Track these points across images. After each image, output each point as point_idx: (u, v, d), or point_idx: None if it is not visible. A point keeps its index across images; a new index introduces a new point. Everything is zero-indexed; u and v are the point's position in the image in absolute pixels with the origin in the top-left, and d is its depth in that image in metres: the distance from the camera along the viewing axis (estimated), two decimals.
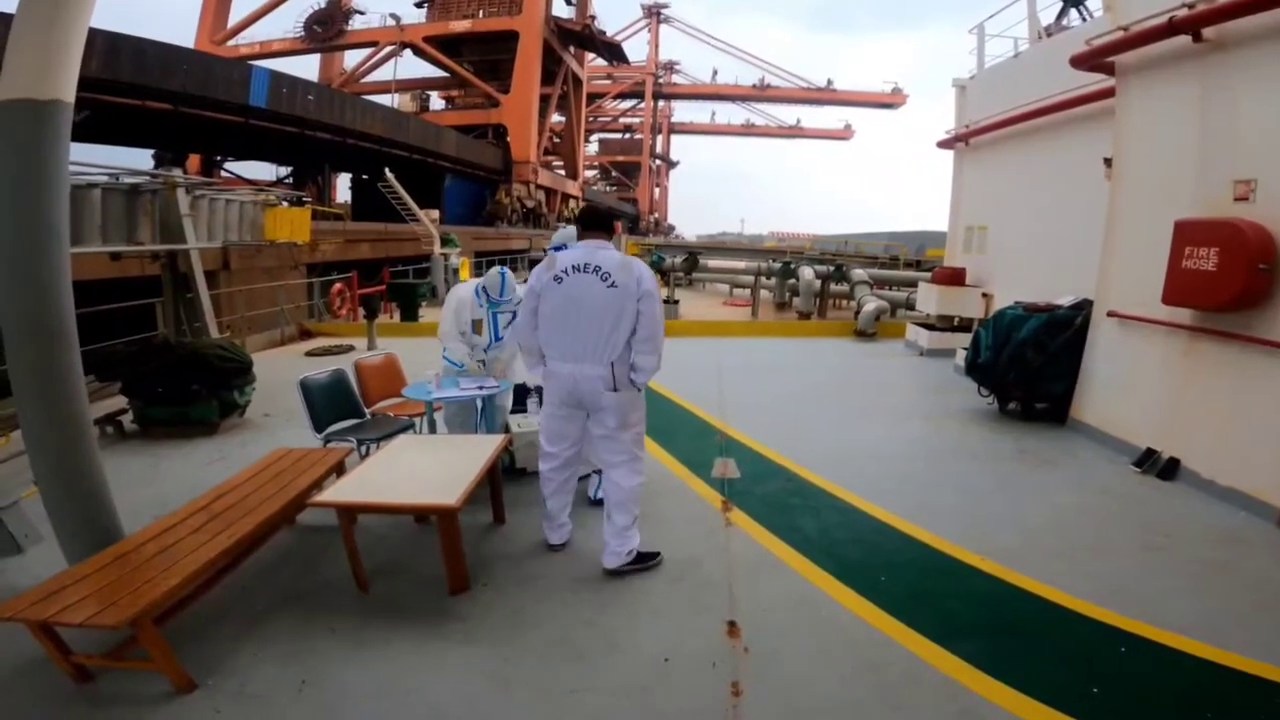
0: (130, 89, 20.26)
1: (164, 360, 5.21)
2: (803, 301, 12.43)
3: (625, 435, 3.09)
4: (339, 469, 3.53)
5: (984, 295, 8.31)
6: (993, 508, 3.97)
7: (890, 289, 13.27)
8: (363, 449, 3.94)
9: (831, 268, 12.70)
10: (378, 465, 3.22)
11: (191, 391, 5.24)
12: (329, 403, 4.09)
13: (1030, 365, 5.27)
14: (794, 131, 68.76)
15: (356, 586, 2.95)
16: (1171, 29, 4.33)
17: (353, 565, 2.93)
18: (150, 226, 6.65)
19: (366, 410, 4.36)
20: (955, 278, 8.56)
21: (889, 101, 62.18)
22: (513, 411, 4.45)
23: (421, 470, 3.17)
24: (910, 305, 11.43)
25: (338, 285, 12.38)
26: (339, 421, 4.10)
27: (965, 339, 8.26)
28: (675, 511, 3.82)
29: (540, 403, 4.56)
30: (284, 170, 33.83)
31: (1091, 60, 5.24)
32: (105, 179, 6.44)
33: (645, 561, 3.13)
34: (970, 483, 4.37)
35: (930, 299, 8.73)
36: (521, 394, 4.50)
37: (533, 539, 3.45)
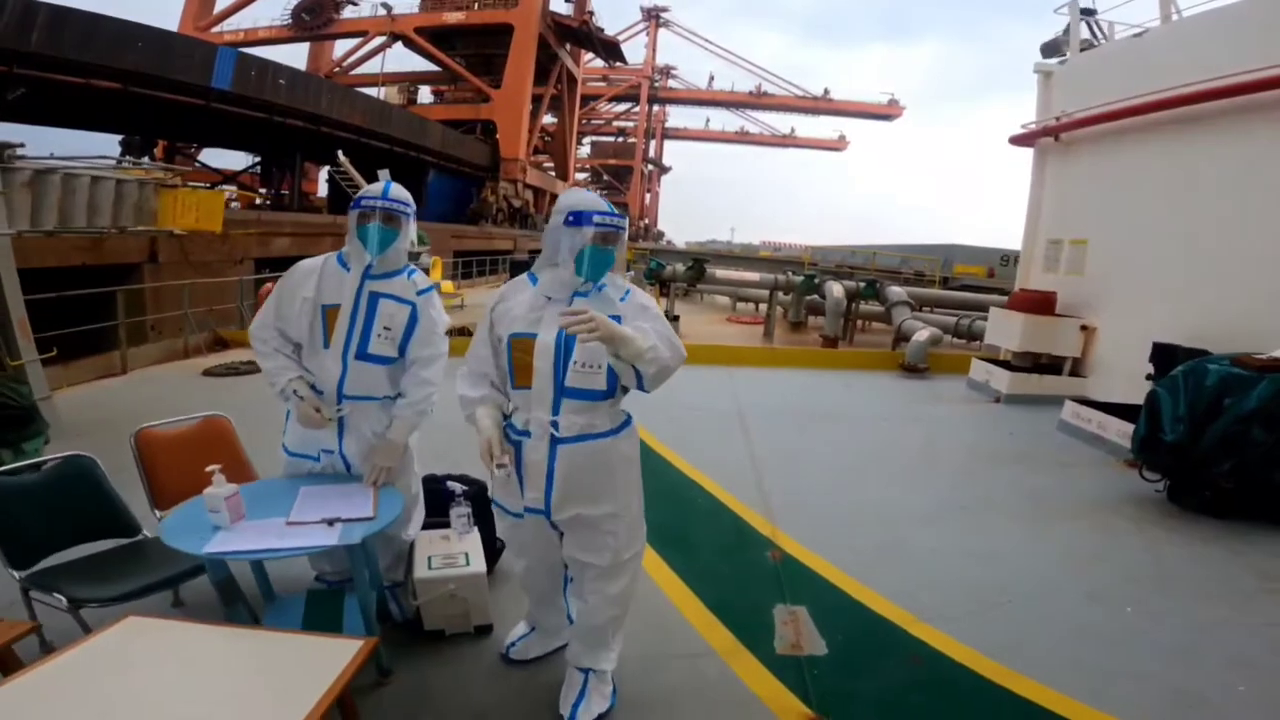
0: (74, 66, 18.18)
1: None
2: (830, 323, 10.49)
3: None
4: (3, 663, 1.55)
5: (1083, 328, 6.47)
6: None
7: (925, 309, 11.41)
8: (91, 609, 1.94)
9: (863, 284, 10.79)
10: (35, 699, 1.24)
11: None
12: (57, 515, 2.09)
13: (1259, 448, 3.39)
14: (788, 140, 67.37)
15: None
16: None
17: None
18: None
19: (155, 514, 2.37)
20: (1043, 304, 6.68)
21: (886, 113, 61.06)
22: (427, 525, 2.48)
23: None
24: (959, 332, 9.56)
25: (268, 285, 10.26)
26: (74, 545, 2.11)
27: (1061, 383, 6.45)
28: None
29: (472, 514, 2.62)
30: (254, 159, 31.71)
31: None
32: None
33: None
34: (1238, 651, 2.46)
35: (1010, 331, 6.81)
36: (439, 498, 2.50)
37: None
